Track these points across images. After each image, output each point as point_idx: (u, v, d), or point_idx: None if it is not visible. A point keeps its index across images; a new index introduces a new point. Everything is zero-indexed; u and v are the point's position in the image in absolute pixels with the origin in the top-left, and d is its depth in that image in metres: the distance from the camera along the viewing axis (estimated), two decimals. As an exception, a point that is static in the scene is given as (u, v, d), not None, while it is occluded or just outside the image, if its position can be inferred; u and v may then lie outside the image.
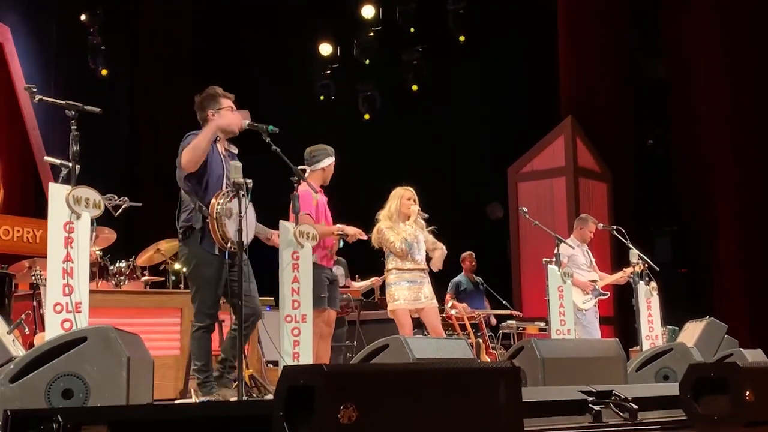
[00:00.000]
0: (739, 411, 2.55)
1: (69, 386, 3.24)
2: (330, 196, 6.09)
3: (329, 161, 5.87)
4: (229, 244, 4.57)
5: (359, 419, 1.81)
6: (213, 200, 4.60)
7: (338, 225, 5.77)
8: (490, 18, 13.13)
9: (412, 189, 6.42)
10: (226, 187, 4.75)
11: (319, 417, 1.78)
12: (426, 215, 6.41)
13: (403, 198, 6.34)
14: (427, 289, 6.27)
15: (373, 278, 8.43)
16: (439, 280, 7.11)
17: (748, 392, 2.58)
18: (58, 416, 1.89)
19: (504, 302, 9.37)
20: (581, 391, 3.12)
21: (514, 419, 2.09)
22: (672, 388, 2.98)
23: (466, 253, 9.84)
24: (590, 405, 2.97)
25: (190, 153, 4.59)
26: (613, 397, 2.98)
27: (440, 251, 6.32)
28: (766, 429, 2.62)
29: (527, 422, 2.24)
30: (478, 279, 9.72)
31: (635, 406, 2.91)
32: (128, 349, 3.42)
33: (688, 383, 2.69)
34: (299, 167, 5.46)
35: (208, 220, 4.59)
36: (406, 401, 1.91)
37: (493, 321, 9.56)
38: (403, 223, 6.22)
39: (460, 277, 9.71)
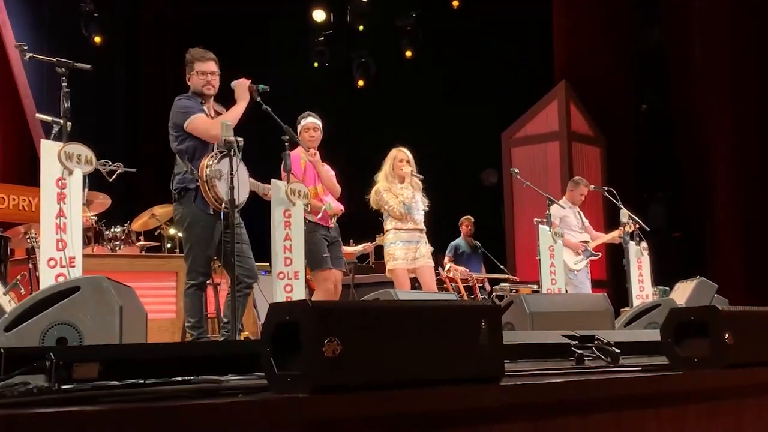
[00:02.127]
0: (720, 354, 2.56)
1: (63, 334, 3.26)
2: (324, 162, 5.86)
3: (302, 123, 5.77)
4: (223, 205, 4.51)
5: (343, 353, 1.84)
6: (202, 162, 4.57)
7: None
8: (485, -18, 14.25)
9: (406, 150, 6.34)
10: (217, 148, 4.67)
11: (305, 351, 1.81)
12: (421, 176, 6.28)
13: (395, 159, 6.28)
14: (424, 248, 6.24)
15: (366, 243, 8.30)
16: (438, 243, 7.15)
17: (728, 335, 2.59)
18: (51, 354, 1.94)
19: (501, 266, 9.40)
20: (564, 335, 3.17)
21: (495, 357, 2.10)
22: (654, 335, 2.97)
23: (464, 218, 9.78)
24: (573, 348, 3.01)
25: (217, 130, 4.47)
26: (596, 342, 3.02)
27: None
28: (746, 371, 2.67)
29: (509, 365, 2.29)
30: (476, 243, 9.67)
31: (617, 350, 2.94)
32: (121, 298, 3.44)
33: (669, 328, 2.65)
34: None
35: (199, 183, 4.60)
36: (389, 336, 1.95)
37: (487, 287, 9.40)
38: (399, 184, 6.12)
39: (459, 241, 9.67)
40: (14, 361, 1.99)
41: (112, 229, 7.19)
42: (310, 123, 5.72)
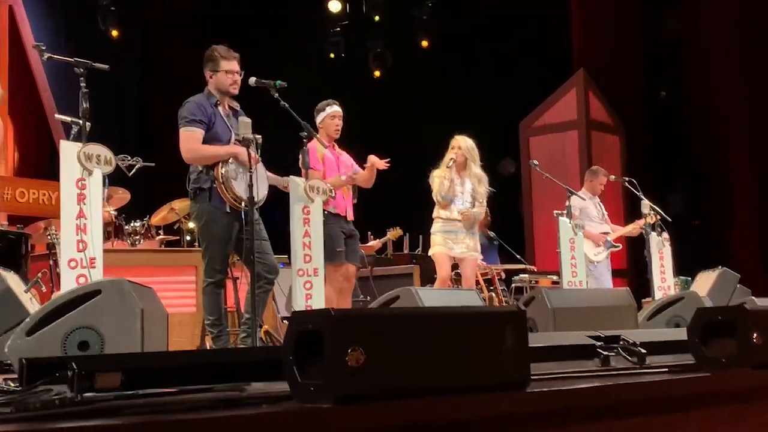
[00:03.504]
0: (747, 353, 2.53)
1: (84, 338, 3.24)
2: (342, 149, 5.88)
3: (323, 114, 5.68)
4: (243, 204, 4.49)
5: (366, 362, 1.83)
6: (217, 167, 4.51)
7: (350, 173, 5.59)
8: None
9: (460, 137, 6.22)
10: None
11: (328, 360, 1.80)
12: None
13: (450, 146, 6.27)
14: (471, 240, 6.14)
15: (376, 240, 8.27)
16: None
17: (755, 335, 2.56)
18: (73, 364, 1.92)
19: (518, 257, 9.24)
20: (589, 336, 3.11)
21: (521, 363, 2.07)
22: (681, 333, 2.92)
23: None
24: (598, 350, 2.95)
25: (192, 156, 4.52)
26: (621, 342, 2.96)
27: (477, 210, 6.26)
28: (774, 371, 3.00)
29: (534, 367, 2.22)
30: (492, 234, 9.52)
31: (643, 351, 2.89)
32: (142, 301, 3.41)
33: (696, 327, 2.62)
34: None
35: (215, 185, 4.55)
36: (412, 344, 1.94)
37: (501, 274, 9.50)
38: (456, 173, 6.08)
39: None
40: (36, 370, 1.96)
41: (131, 224, 7.18)
42: (336, 111, 5.63)
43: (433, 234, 6.23)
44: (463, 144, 6.21)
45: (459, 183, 6.14)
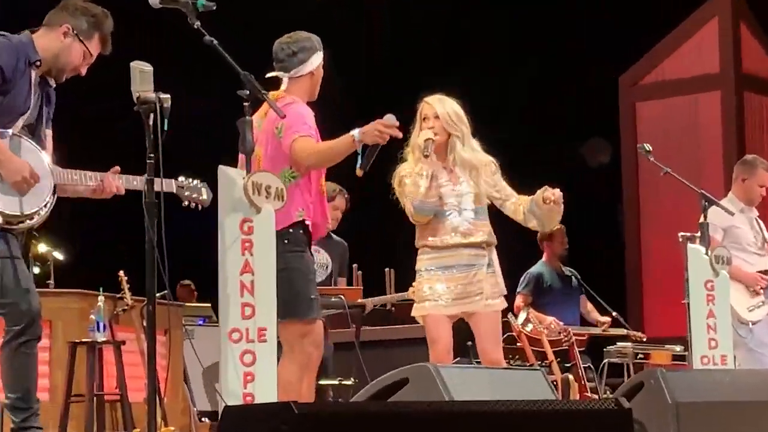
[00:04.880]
0: None
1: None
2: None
3: (318, 58, 5.36)
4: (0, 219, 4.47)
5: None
6: None
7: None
8: None
9: (433, 99, 5.80)
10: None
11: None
12: (432, 139, 5.48)
13: (418, 118, 5.81)
14: (488, 282, 5.70)
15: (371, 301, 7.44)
16: (504, 272, 6.43)
17: None
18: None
19: (614, 313, 8.54)
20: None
21: None
22: None
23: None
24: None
25: None
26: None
27: (525, 202, 5.68)
28: None
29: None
30: (570, 271, 8.72)
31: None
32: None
33: None
34: (273, 74, 5.18)
35: None
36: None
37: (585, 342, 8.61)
38: (443, 164, 5.85)
39: (540, 268, 8.72)
40: None
41: None
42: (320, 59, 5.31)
43: (425, 273, 5.76)
44: (440, 108, 5.65)
45: (448, 178, 5.77)
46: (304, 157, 4.98)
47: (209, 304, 7.46)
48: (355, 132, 5.24)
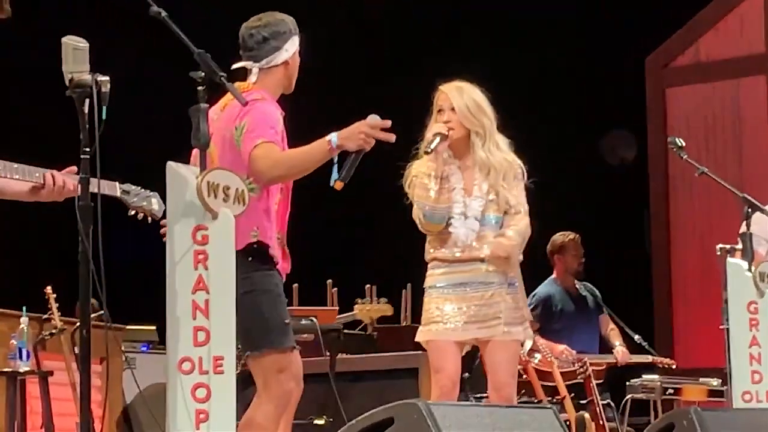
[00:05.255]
0: None
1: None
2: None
3: (294, 44, 5.32)
4: None
5: None
6: None
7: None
8: None
9: (448, 88, 5.92)
10: None
11: None
12: (443, 134, 5.64)
13: (434, 109, 5.92)
14: (508, 304, 5.76)
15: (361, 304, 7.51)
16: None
17: None
18: None
19: (639, 340, 8.36)
20: None
21: None
22: None
23: (562, 237, 8.67)
24: None
25: None
26: None
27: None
28: None
29: None
30: (586, 289, 8.55)
31: None
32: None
33: None
34: (240, 64, 5.22)
35: None
36: None
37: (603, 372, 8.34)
38: (457, 163, 6.00)
39: (549, 287, 8.55)
40: None
41: None
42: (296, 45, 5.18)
43: (433, 292, 5.85)
44: (457, 100, 5.76)
45: (460, 182, 5.86)
46: (268, 168, 4.98)
47: (153, 327, 7.24)
48: (333, 136, 5.17)
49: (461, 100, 5.94)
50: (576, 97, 11.26)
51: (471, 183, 6.02)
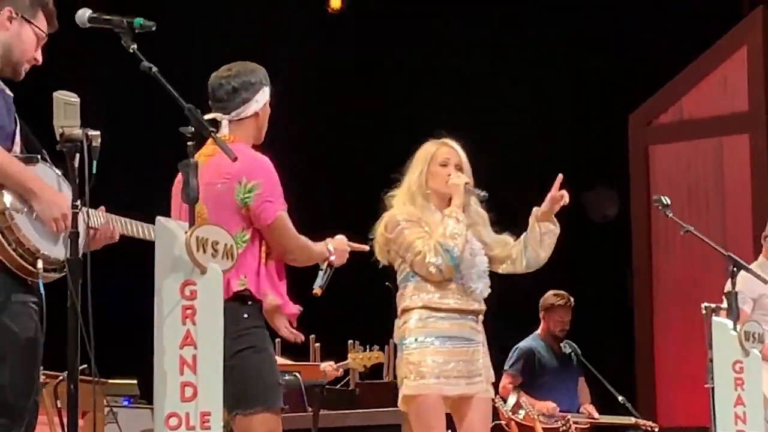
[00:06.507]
0: None
1: None
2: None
3: (265, 95, 5.34)
4: (40, 264, 4.34)
5: None
6: None
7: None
8: None
9: (453, 143, 5.89)
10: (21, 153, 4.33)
11: None
12: (484, 194, 5.93)
13: (433, 160, 5.81)
14: (485, 362, 5.76)
15: (330, 365, 7.73)
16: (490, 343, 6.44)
17: None
18: None
19: (621, 399, 8.43)
20: None
21: None
22: None
23: (554, 297, 8.65)
24: None
25: None
26: None
27: (534, 239, 5.97)
28: None
29: None
30: (569, 346, 8.62)
31: None
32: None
33: None
34: (211, 116, 5.11)
35: None
36: None
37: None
38: (437, 211, 5.95)
39: (533, 342, 8.51)
40: None
41: None
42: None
43: (416, 346, 5.88)
44: (463, 157, 6.03)
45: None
46: (288, 248, 5.10)
47: (134, 381, 7.40)
48: (331, 246, 5.48)
49: (466, 159, 6.13)
50: (558, 153, 11.41)
51: (470, 234, 6.16)
